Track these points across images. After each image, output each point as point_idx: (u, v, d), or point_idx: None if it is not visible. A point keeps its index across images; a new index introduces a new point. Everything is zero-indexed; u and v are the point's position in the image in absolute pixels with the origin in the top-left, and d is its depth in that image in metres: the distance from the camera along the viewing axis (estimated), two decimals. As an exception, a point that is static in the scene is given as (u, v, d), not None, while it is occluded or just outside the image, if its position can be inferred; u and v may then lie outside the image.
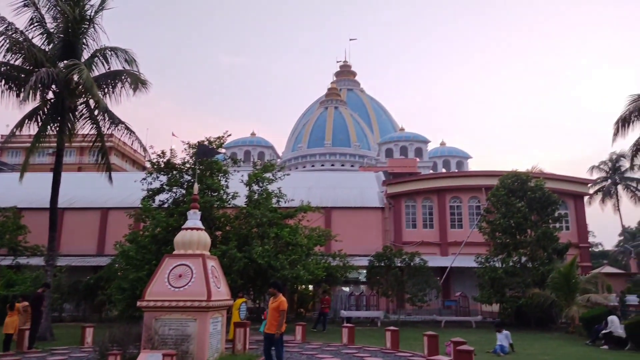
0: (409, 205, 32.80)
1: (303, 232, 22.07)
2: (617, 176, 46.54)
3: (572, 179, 32.85)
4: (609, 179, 47.11)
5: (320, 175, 42.43)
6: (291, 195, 22.94)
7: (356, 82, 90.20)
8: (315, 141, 73.97)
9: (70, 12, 17.01)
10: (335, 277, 24.53)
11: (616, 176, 46.62)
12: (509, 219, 23.32)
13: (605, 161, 47.23)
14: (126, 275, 18.85)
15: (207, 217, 18.81)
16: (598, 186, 47.17)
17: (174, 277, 9.59)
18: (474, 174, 34.42)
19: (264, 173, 21.89)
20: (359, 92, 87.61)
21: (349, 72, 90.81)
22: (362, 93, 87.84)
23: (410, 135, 66.69)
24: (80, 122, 18.13)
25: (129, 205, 27.88)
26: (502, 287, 23.15)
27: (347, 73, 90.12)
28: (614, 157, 46.63)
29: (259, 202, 20.95)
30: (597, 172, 47.49)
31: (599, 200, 47.06)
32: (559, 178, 32.32)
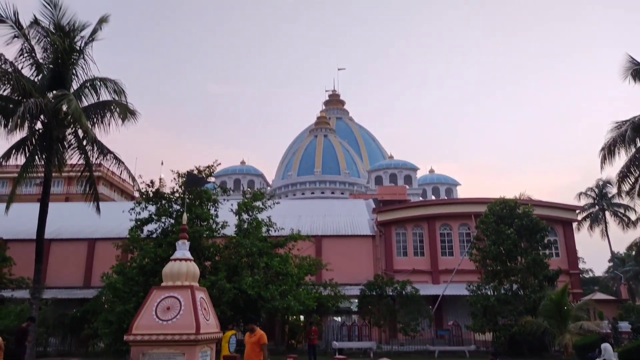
0: (399, 233, 32.74)
1: (293, 262, 21.84)
2: (605, 202, 47.00)
3: (560, 206, 33.10)
4: (597, 205, 47.54)
5: (310, 203, 42.33)
6: (281, 224, 22.78)
7: (345, 111, 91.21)
8: (305, 169, 74.16)
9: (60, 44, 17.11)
10: (326, 307, 24.22)
11: (603, 202, 47.08)
12: (499, 246, 23.34)
13: (592, 187, 47.78)
14: (113, 308, 18.44)
15: (196, 247, 18.58)
16: (586, 212, 47.55)
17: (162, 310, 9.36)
18: (463, 201, 34.57)
19: (253, 202, 21.76)
20: (348, 121, 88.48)
21: (338, 101, 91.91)
22: (350, 121, 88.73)
23: (399, 162, 67.17)
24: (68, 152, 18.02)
25: (116, 236, 27.51)
26: (494, 316, 22.99)
27: (335, 102, 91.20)
28: (600, 184, 47.19)
29: (248, 231, 20.77)
30: (584, 198, 47.98)
31: (587, 227, 47.39)
32: (547, 205, 32.56)
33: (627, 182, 20.44)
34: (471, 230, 31.15)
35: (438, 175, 70.89)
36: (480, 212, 26.32)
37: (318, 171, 72.84)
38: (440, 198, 62.87)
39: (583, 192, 47.91)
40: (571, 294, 26.96)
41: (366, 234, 32.37)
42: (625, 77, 20.19)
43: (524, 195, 28.06)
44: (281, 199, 54.12)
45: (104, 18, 17.96)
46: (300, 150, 77.42)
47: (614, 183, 21.40)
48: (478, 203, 30.91)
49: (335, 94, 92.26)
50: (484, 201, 28.72)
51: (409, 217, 32.80)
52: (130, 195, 56.34)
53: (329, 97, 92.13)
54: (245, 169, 71.01)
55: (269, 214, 21.88)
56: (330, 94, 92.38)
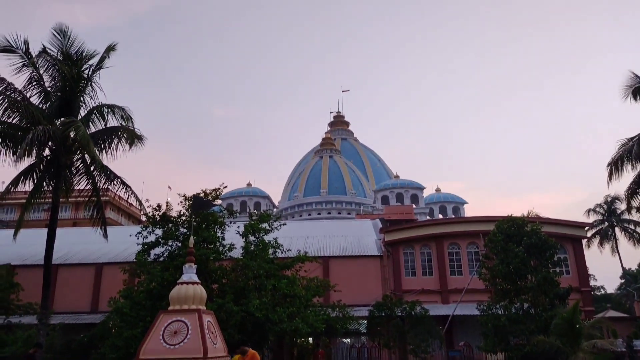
0: (407, 253, 32.54)
1: (301, 283, 21.70)
2: (614, 219, 46.57)
3: (569, 223, 32.83)
4: (606, 222, 47.09)
5: (317, 224, 42.28)
6: (288, 245, 22.72)
7: (350, 132, 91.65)
8: (311, 190, 74.25)
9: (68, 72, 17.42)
10: (335, 329, 23.95)
11: (613, 219, 46.65)
12: (508, 265, 23.11)
13: (600, 204, 47.39)
14: (120, 332, 18.34)
15: (203, 270, 18.52)
16: (595, 229, 47.10)
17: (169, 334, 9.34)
18: (470, 220, 34.39)
19: (260, 223, 21.75)
20: (353, 141, 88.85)
21: (343, 122, 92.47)
22: (355, 142, 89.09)
23: (405, 182, 67.08)
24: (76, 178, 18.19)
25: (123, 260, 27.52)
26: (506, 335, 22.64)
27: (340, 123, 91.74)
28: (609, 200, 46.84)
29: (255, 253, 20.70)
30: (593, 215, 47.55)
31: (597, 243, 46.88)
32: (555, 222, 32.31)
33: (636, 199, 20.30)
34: (480, 249, 30.90)
35: (445, 194, 70.67)
36: (488, 230, 26.15)
37: (324, 192, 72.88)
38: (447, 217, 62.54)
39: (592, 208, 47.55)
40: (583, 311, 26.55)
41: (374, 254, 32.17)
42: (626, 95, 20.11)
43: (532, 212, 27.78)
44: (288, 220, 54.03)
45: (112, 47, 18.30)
46: (306, 171, 77.64)
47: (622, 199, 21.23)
48: (486, 221, 30.74)
49: (339, 115, 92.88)
50: (491, 219, 28.56)
51: (417, 237, 32.62)
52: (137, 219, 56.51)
53: (333, 118, 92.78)
54: (251, 191, 71.20)
55: (276, 236, 21.83)
56: (334, 115, 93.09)
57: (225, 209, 22.83)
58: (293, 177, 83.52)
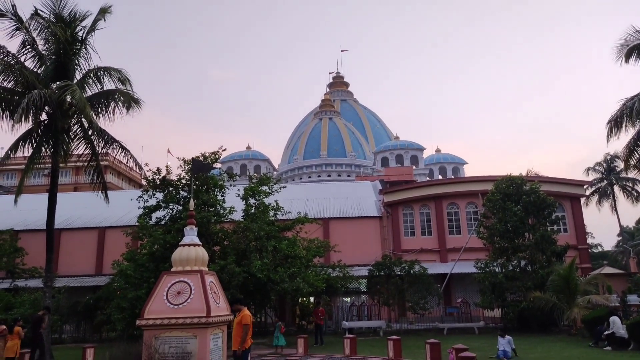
0: (406, 213, 32.83)
1: (301, 244, 22.06)
2: (613, 177, 46.70)
3: (568, 181, 32.98)
4: (605, 180, 47.26)
5: (317, 187, 42.52)
6: (288, 208, 22.94)
7: (349, 93, 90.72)
8: (310, 152, 74.14)
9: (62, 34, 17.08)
10: (335, 288, 24.47)
11: (612, 177, 46.79)
12: (506, 224, 23.37)
13: (600, 162, 47.45)
14: (125, 294, 18.74)
15: (205, 232, 18.77)
16: (594, 187, 47.31)
17: (173, 295, 9.54)
18: (469, 180, 34.54)
19: (260, 186, 21.90)
20: (353, 103, 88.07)
21: (342, 83, 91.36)
22: (355, 103, 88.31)
23: (405, 143, 66.94)
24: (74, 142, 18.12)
25: (126, 224, 27.80)
26: (503, 292, 23.13)
27: (339, 84, 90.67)
28: (608, 158, 46.84)
29: (256, 215, 20.93)
30: (592, 173, 47.67)
31: (595, 202, 47.20)
32: (554, 181, 32.45)
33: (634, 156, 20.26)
34: (478, 209, 31.19)
35: (445, 154, 70.61)
36: (487, 190, 26.31)
37: (324, 154, 72.79)
38: (447, 177, 62.73)
39: (591, 167, 47.62)
40: (580, 268, 27.03)
41: (373, 215, 32.51)
42: (618, 56, 18.93)
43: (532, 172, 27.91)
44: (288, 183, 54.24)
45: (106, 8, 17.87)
46: (306, 133, 77.29)
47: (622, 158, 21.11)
48: (485, 181, 30.89)
49: (339, 76, 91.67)
50: (490, 179, 28.69)
51: (416, 197, 32.86)
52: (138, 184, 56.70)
53: (332, 79, 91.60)
54: (251, 154, 71.10)
55: (276, 198, 22.01)
56: (334, 76, 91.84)
57: (225, 172, 22.91)
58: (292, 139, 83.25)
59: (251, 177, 23.17)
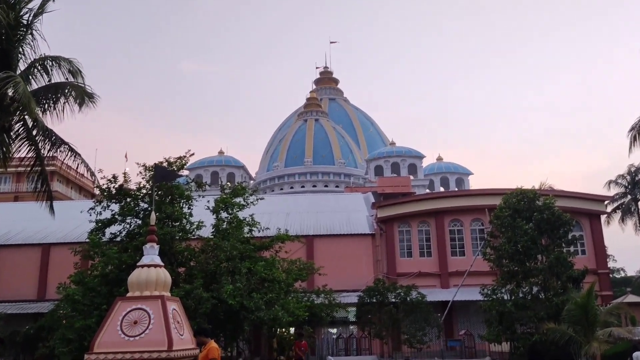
0: (403, 231, 33.00)
1: (281, 266, 22.04)
2: (638, 191, 47.43)
3: (587, 196, 33.48)
4: (629, 195, 47.95)
5: (300, 199, 42.57)
6: (266, 223, 22.95)
7: (339, 91, 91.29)
8: (293, 159, 74.26)
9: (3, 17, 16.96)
10: (319, 318, 24.44)
11: (636, 191, 47.51)
12: (516, 244, 23.59)
13: (623, 175, 48.14)
14: (72, 323, 18.50)
15: (168, 251, 18.66)
16: (616, 203, 47.98)
17: (128, 324, 9.44)
18: (475, 193, 34.89)
19: (233, 198, 21.90)
20: (343, 102, 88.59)
21: (330, 79, 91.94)
22: (346, 103, 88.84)
23: (402, 150, 67.38)
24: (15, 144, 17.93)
25: (74, 240, 27.50)
26: (512, 323, 23.29)
27: (328, 80, 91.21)
28: (632, 170, 47.55)
29: (228, 232, 20.88)
30: (614, 187, 48.31)
31: (618, 220, 47.84)
32: (571, 195, 32.93)
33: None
34: (485, 226, 31.47)
35: (447, 163, 71.23)
36: (495, 205, 26.58)
37: (308, 161, 72.98)
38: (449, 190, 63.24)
39: (613, 180, 48.32)
40: (599, 296, 27.37)
41: (364, 233, 32.64)
42: None
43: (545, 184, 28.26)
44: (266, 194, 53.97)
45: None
46: (288, 137, 77.46)
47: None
48: (492, 195, 31.20)
49: (327, 71, 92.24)
50: (499, 192, 28.98)
51: (414, 212, 33.05)
52: (90, 193, 56.15)
53: (320, 74, 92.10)
54: (223, 159, 70.93)
55: (252, 212, 22.00)
56: (321, 71, 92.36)
57: (193, 180, 22.86)
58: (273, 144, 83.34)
59: (223, 186, 23.14)
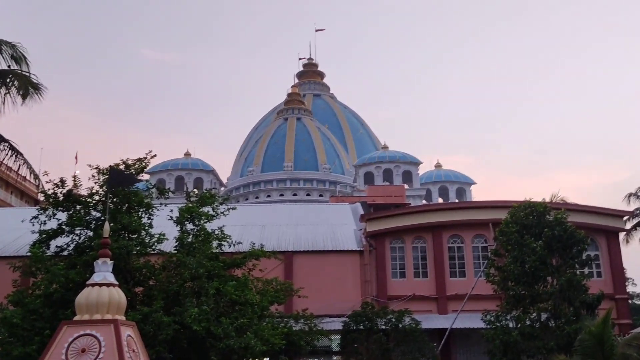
0: (395, 248, 33.09)
1: (255, 286, 22.00)
2: (662, 206, 47.97)
3: (604, 211, 33.90)
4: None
5: (279, 209, 42.57)
6: (238, 237, 22.90)
7: (325, 86, 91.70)
8: (271, 163, 74.32)
9: None
10: (298, 347, 24.38)
11: (660, 206, 48.04)
12: (523, 264, 23.77)
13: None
14: (9, 350, 18.27)
15: (123, 267, 18.53)
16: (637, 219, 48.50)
17: (75, 353, 9.38)
18: (478, 206, 35.13)
19: (201, 207, 21.83)
20: (329, 99, 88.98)
21: (315, 72, 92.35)
22: (332, 100, 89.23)
23: (396, 154, 67.79)
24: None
25: (13, 254, 27.21)
26: (518, 355, 23.42)
27: (312, 74, 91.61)
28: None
29: (194, 246, 20.80)
30: (635, 201, 48.78)
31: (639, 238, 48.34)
32: (586, 210, 33.30)
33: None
34: (489, 244, 31.68)
35: (447, 171, 71.86)
36: (500, 219, 26.78)
37: (289, 166, 73.10)
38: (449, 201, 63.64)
39: (633, 193, 48.82)
40: (617, 325, 27.64)
41: (351, 249, 32.71)
42: None
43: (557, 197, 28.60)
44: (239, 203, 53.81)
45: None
46: (265, 137, 77.52)
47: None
48: (497, 207, 31.43)
49: (311, 63, 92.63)
50: (505, 205, 29.20)
51: (409, 227, 33.16)
52: (33, 199, 55.64)
53: (303, 67, 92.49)
54: (190, 162, 70.75)
55: (222, 224, 21.93)
56: (305, 62, 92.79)
57: (155, 186, 22.75)
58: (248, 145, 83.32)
59: (189, 193, 23.05)
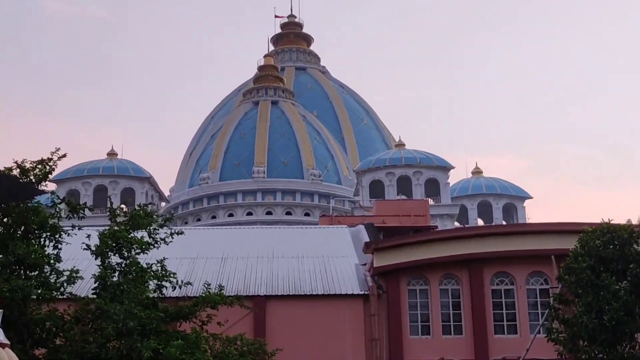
0: (415, 291, 33.01)
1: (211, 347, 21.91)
2: None
3: None
4: None
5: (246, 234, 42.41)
6: (187, 275, 22.90)
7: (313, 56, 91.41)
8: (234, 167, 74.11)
9: None
10: None
11: None
12: (601, 314, 23.80)
13: None
14: None
15: (17, 319, 18.45)
16: None
17: None
18: (535, 230, 35.11)
19: (132, 230, 21.77)
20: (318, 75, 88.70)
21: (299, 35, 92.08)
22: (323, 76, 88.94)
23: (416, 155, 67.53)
24: None
25: None
26: None
27: (294, 37, 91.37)
28: None
29: (121, 288, 20.74)
30: None
31: None
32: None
33: None
34: (550, 285, 31.67)
35: (489, 180, 71.52)
36: (567, 250, 26.82)
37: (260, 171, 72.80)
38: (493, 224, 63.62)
39: None
40: None
41: (352, 293, 32.60)
42: None
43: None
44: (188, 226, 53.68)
45: None
46: (226, 130, 77.14)
47: None
48: (563, 233, 31.47)
49: (293, 23, 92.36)
50: (573, 229, 29.22)
51: (435, 260, 33.05)
52: None
53: (281, 28, 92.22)
54: (116, 166, 70.31)
55: (164, 255, 21.90)
56: (284, 22, 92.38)
57: (64, 200, 22.59)
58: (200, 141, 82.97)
59: (115, 211, 22.95)
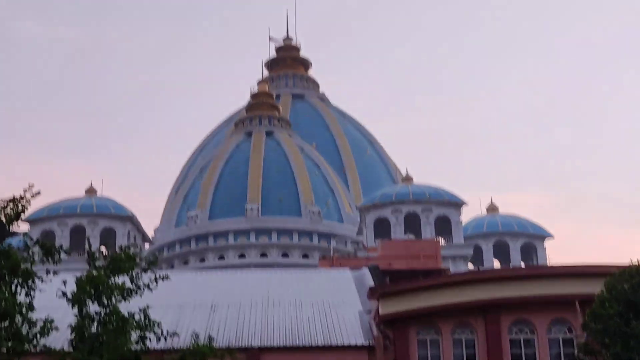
0: (425, 341, 33.00)
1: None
2: None
3: None
4: None
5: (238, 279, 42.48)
6: (173, 325, 22.97)
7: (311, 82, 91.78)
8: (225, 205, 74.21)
9: None
10: None
11: None
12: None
13: None
14: None
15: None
16: None
17: None
18: (557, 272, 35.13)
19: (112, 275, 21.85)
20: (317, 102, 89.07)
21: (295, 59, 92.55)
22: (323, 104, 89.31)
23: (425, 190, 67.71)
24: None
25: None
26: None
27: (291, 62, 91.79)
28: None
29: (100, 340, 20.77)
30: None
31: None
32: None
33: None
34: (575, 334, 31.67)
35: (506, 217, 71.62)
36: (593, 294, 26.87)
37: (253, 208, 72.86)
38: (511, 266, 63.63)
39: None
40: None
41: (356, 344, 32.61)
42: None
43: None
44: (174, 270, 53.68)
45: None
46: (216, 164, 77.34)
47: None
48: (588, 276, 31.49)
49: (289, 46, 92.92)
50: (599, 272, 29.26)
51: (447, 307, 33.07)
52: None
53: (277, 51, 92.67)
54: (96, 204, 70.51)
55: (147, 302, 21.96)
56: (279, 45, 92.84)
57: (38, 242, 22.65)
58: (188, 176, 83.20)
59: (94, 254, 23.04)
